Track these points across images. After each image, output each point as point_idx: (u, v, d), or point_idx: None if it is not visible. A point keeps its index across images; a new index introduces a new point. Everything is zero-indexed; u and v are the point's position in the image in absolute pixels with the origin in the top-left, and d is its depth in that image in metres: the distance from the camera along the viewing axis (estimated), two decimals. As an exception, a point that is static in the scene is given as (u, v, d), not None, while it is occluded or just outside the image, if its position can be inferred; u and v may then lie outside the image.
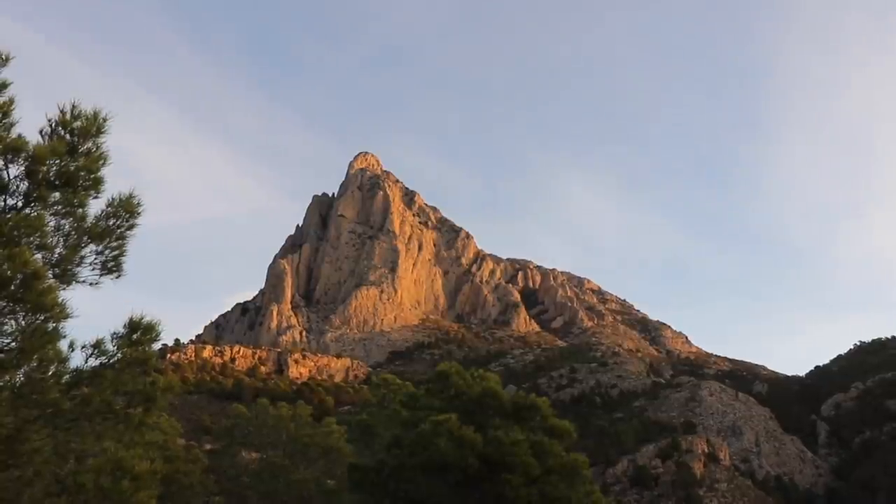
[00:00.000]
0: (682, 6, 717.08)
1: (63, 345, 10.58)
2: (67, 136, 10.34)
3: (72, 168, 10.31)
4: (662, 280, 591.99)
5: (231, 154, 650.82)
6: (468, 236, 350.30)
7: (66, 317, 10.23)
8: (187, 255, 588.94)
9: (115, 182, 10.82)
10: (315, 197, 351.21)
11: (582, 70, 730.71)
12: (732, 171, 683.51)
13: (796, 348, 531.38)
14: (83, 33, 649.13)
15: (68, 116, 10.32)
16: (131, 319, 11.43)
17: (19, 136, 10.11)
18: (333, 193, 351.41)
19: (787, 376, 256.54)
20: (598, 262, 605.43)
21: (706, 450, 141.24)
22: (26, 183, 10.14)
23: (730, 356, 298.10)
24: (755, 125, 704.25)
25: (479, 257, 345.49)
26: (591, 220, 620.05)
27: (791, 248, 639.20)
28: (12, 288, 9.61)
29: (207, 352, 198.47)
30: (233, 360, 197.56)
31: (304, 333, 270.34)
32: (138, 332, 11.38)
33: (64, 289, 10.45)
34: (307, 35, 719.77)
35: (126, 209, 10.81)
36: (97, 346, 11.07)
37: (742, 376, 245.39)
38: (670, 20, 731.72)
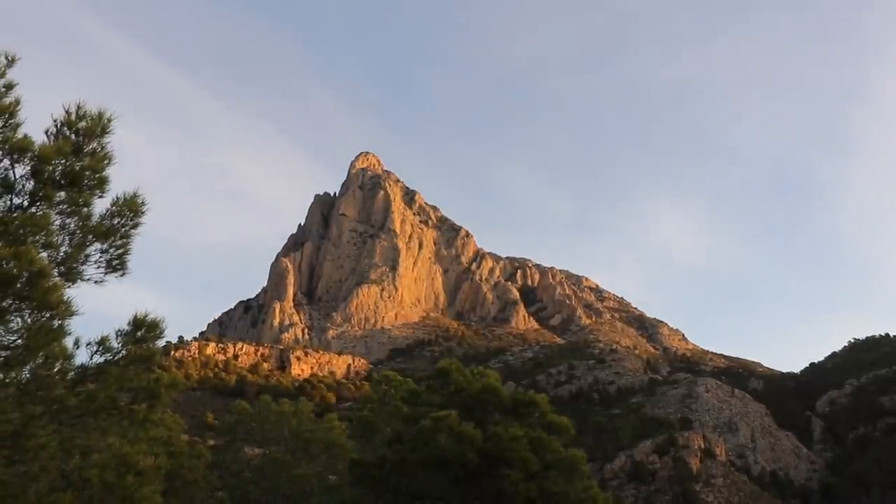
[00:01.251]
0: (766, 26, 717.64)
1: (68, 342, 10.59)
2: (73, 137, 10.35)
3: (77, 168, 10.32)
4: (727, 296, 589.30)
5: (233, 154, 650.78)
6: (468, 235, 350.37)
7: (72, 314, 10.23)
8: (191, 253, 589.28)
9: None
10: (317, 196, 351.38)
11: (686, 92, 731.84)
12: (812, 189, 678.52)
13: (792, 345, 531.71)
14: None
15: (73, 117, 10.32)
16: (135, 317, 11.43)
17: (25, 136, 10.12)
18: (335, 193, 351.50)
19: (783, 373, 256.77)
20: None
21: (702, 445, 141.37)
22: (32, 182, 10.14)
23: (726, 353, 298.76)
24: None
25: (479, 256, 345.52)
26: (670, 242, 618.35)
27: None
28: (18, 286, 9.60)
29: (211, 349, 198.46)
30: (236, 357, 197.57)
31: (306, 331, 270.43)
32: (142, 329, 11.38)
33: (69, 287, 10.45)
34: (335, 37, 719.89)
35: (130, 208, 10.81)
36: (102, 343, 11.07)
37: (738, 373, 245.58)
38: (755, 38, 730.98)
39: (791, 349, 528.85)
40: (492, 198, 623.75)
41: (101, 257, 10.82)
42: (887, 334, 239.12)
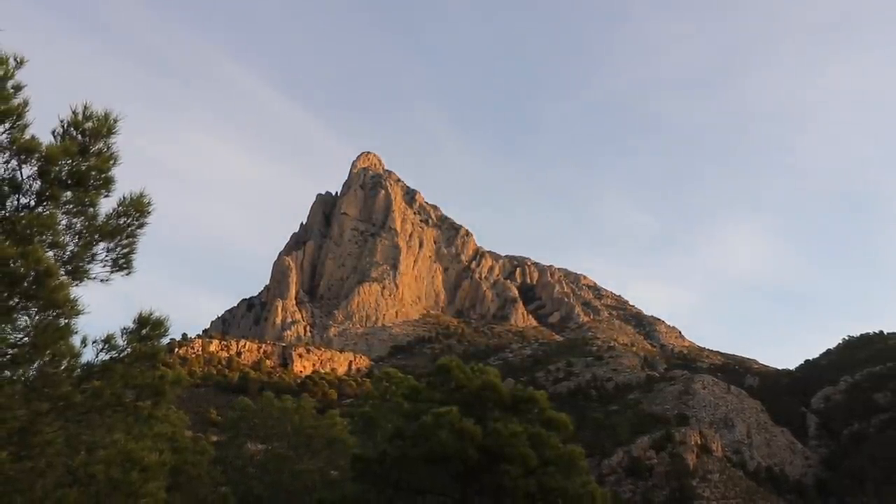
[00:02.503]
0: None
1: (75, 340, 10.60)
2: (79, 137, 10.35)
3: (83, 168, 10.32)
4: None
5: (237, 153, 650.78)
6: (468, 234, 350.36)
7: (78, 313, 10.24)
8: (195, 251, 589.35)
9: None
10: (319, 195, 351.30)
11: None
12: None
13: (787, 343, 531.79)
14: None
15: (80, 117, 10.32)
16: (140, 315, 11.44)
17: (32, 136, 10.12)
18: (337, 192, 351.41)
19: (778, 370, 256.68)
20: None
21: (699, 441, 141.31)
22: (39, 182, 10.14)
23: (722, 350, 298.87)
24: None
25: (479, 254, 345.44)
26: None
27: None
28: (25, 284, 9.61)
29: (214, 346, 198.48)
30: (239, 354, 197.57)
31: (308, 328, 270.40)
32: (147, 327, 11.39)
33: (76, 285, 10.46)
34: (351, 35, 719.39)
35: (136, 208, 10.82)
36: (108, 341, 11.09)
37: (734, 370, 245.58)
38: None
39: (786, 346, 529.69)
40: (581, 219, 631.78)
41: (107, 256, 10.82)
42: (881, 332, 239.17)
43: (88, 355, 10.93)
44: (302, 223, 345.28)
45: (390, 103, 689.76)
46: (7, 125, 10.03)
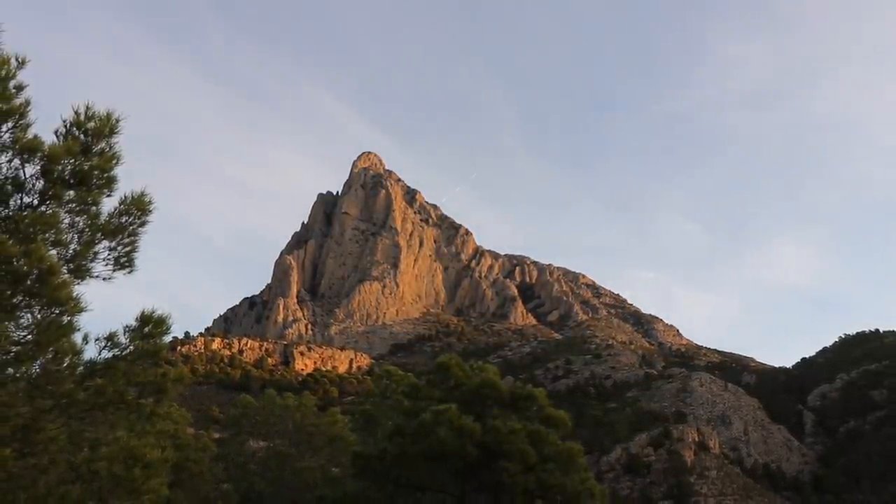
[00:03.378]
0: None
1: (77, 337, 10.59)
2: (81, 137, 10.34)
3: (86, 167, 10.31)
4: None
5: (240, 154, 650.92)
6: (467, 233, 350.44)
7: (80, 310, 10.24)
8: (199, 249, 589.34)
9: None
10: (320, 195, 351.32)
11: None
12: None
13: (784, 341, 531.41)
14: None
15: (82, 117, 10.32)
16: (143, 313, 11.43)
17: (35, 136, 10.11)
18: (337, 192, 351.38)
19: (775, 368, 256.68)
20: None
21: (696, 438, 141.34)
22: (42, 182, 10.13)
23: (719, 348, 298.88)
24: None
25: (478, 253, 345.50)
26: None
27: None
28: (28, 282, 9.61)
29: (216, 344, 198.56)
30: (241, 352, 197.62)
31: (309, 326, 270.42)
32: (149, 325, 11.38)
33: (78, 283, 10.45)
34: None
35: (138, 207, 10.81)
36: (110, 338, 11.07)
37: (731, 368, 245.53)
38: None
39: (784, 344, 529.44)
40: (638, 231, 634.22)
41: (109, 255, 10.81)
42: (877, 330, 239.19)
43: (91, 353, 10.93)
44: (303, 222, 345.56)
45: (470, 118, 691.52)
46: (10, 124, 10.02)
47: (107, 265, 10.84)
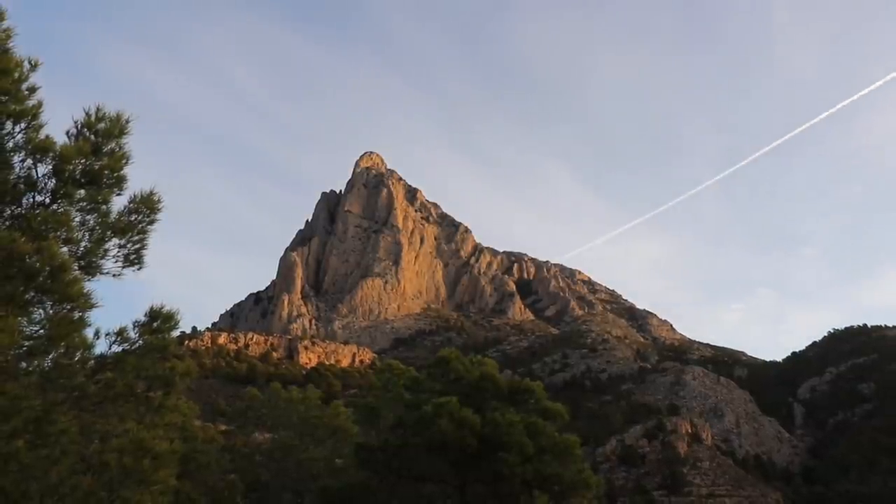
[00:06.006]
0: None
1: (88, 332, 10.60)
2: (92, 137, 10.34)
3: (96, 167, 10.31)
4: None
5: (244, 154, 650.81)
6: (467, 230, 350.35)
7: (91, 306, 10.24)
8: (204, 247, 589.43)
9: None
10: (323, 194, 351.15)
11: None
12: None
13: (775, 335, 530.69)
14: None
15: (93, 119, 10.32)
16: (152, 308, 11.44)
17: (47, 136, 10.12)
18: (340, 190, 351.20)
19: (766, 362, 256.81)
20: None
21: (690, 430, 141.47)
22: (54, 181, 10.14)
23: (712, 343, 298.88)
24: None
25: (478, 250, 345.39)
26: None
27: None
28: (41, 279, 9.62)
29: (223, 339, 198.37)
30: (246, 346, 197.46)
31: (313, 321, 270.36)
32: (158, 320, 11.39)
33: (89, 280, 10.45)
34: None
35: (147, 205, 10.81)
36: (120, 333, 11.08)
37: (723, 362, 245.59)
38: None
39: (775, 339, 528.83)
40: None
41: (119, 252, 10.81)
42: (865, 325, 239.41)
43: (102, 347, 10.94)
44: (307, 220, 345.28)
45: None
46: (23, 125, 10.04)
47: (117, 262, 10.84)
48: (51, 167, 10.08)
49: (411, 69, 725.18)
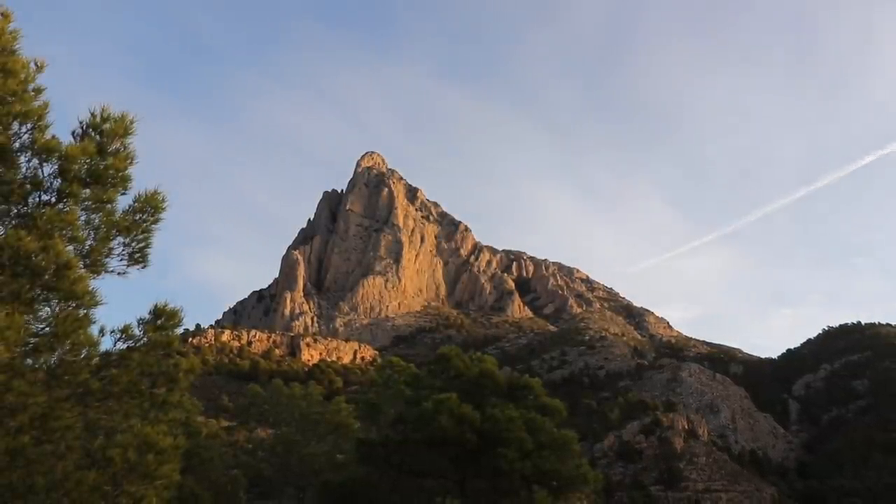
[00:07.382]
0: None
1: (93, 329, 10.60)
2: (97, 137, 10.35)
3: (101, 167, 10.31)
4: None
5: (246, 155, 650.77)
6: (467, 229, 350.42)
7: (96, 304, 10.25)
8: (207, 246, 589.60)
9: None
10: (325, 193, 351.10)
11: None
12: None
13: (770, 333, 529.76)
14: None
15: (98, 119, 10.32)
16: (156, 306, 11.44)
17: (53, 137, 10.13)
18: (342, 190, 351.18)
19: (761, 359, 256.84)
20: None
21: (686, 426, 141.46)
22: (59, 180, 10.14)
23: (708, 340, 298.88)
24: None
25: (477, 249, 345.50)
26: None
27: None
28: (46, 277, 9.62)
29: (226, 336, 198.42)
30: (249, 343, 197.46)
31: (315, 319, 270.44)
32: (162, 317, 11.39)
33: (94, 278, 10.45)
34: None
35: (151, 204, 10.82)
36: (125, 330, 11.09)
37: (719, 359, 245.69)
38: None
39: (770, 336, 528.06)
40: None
41: (123, 250, 10.81)
42: (859, 322, 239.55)
43: (107, 344, 10.95)
44: (309, 219, 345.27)
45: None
46: (29, 125, 10.04)
47: (121, 260, 10.84)
48: (56, 167, 10.08)
49: (525, 98, 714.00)
